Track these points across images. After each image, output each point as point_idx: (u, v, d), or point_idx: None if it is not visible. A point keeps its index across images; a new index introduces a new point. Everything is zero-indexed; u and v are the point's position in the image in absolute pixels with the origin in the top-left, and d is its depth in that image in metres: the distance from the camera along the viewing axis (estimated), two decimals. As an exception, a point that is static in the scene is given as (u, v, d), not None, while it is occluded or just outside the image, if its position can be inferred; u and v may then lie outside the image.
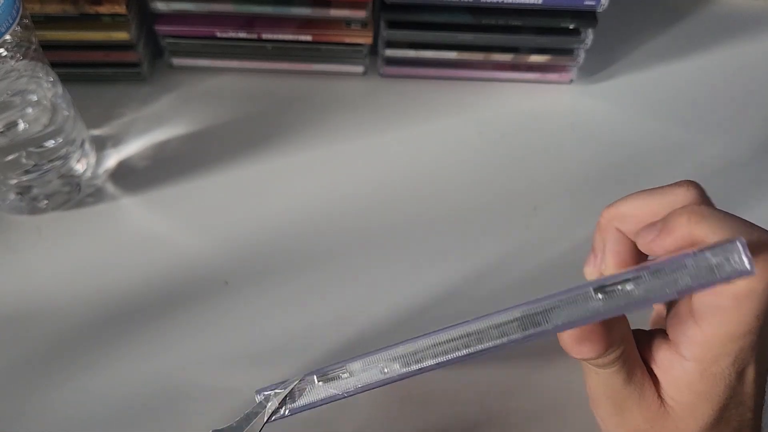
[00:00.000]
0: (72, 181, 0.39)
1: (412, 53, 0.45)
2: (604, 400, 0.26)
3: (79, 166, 0.39)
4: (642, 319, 0.29)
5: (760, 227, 0.23)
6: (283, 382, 0.25)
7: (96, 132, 0.42)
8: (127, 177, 0.41)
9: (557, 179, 0.42)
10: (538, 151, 0.43)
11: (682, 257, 0.22)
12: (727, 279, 0.21)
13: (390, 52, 0.45)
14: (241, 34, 0.44)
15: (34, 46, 0.34)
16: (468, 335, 0.23)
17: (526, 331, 0.22)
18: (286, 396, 0.24)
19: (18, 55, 0.32)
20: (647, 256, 0.27)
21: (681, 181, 0.26)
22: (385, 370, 0.23)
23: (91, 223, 0.38)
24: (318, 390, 0.24)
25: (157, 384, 0.33)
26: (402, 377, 0.23)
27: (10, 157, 0.35)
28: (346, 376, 0.24)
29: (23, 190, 0.37)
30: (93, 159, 0.40)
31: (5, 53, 0.32)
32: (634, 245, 0.27)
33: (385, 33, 0.43)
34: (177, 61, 0.46)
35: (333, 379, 0.24)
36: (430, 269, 0.37)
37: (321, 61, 0.46)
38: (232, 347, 0.34)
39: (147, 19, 0.44)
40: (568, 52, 0.45)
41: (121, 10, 0.41)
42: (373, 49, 0.46)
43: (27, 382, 0.33)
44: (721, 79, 0.48)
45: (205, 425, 0.32)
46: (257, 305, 0.36)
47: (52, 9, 0.40)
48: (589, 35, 0.44)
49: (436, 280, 0.37)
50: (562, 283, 0.37)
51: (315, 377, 0.24)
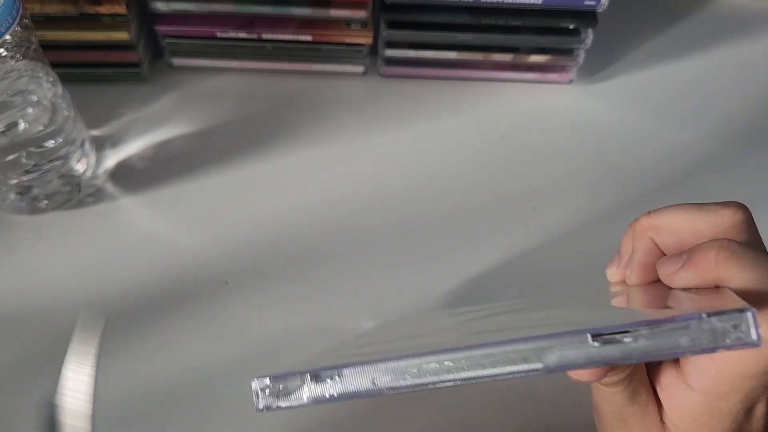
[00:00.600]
0: (72, 181, 0.39)
1: (412, 53, 0.45)
2: (607, 414, 0.26)
3: (79, 166, 0.39)
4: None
5: None
6: (281, 374, 0.25)
7: (96, 132, 0.42)
8: (127, 177, 0.41)
9: (557, 179, 0.42)
10: (538, 151, 0.43)
11: (687, 317, 0.21)
12: (730, 348, 0.20)
13: (390, 52, 0.45)
14: (241, 34, 0.44)
15: (34, 46, 0.34)
16: (459, 360, 0.22)
17: (517, 365, 0.22)
18: (275, 390, 0.24)
19: (18, 55, 0.32)
20: None
21: (730, 202, 0.24)
22: (375, 382, 0.23)
23: (91, 223, 0.38)
24: (307, 391, 0.24)
25: (156, 384, 0.33)
26: (390, 392, 0.23)
27: (11, 157, 0.35)
28: (335, 380, 0.24)
29: (23, 190, 0.37)
30: (93, 159, 0.40)
31: (5, 53, 0.32)
32: None
33: (385, 33, 0.43)
34: (177, 61, 0.46)
35: (323, 380, 0.24)
36: (430, 269, 0.37)
37: (321, 61, 0.46)
38: (232, 347, 0.34)
39: (147, 19, 0.44)
40: (568, 52, 0.45)
41: (121, 10, 0.41)
42: (373, 49, 0.46)
43: (27, 382, 0.33)
44: (721, 79, 0.48)
45: (205, 425, 0.32)
46: (257, 305, 0.36)
47: (52, 9, 0.40)
48: (589, 35, 0.43)
49: (435, 280, 0.37)
50: (562, 283, 0.37)
51: (308, 375, 0.24)
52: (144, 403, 0.32)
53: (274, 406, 0.24)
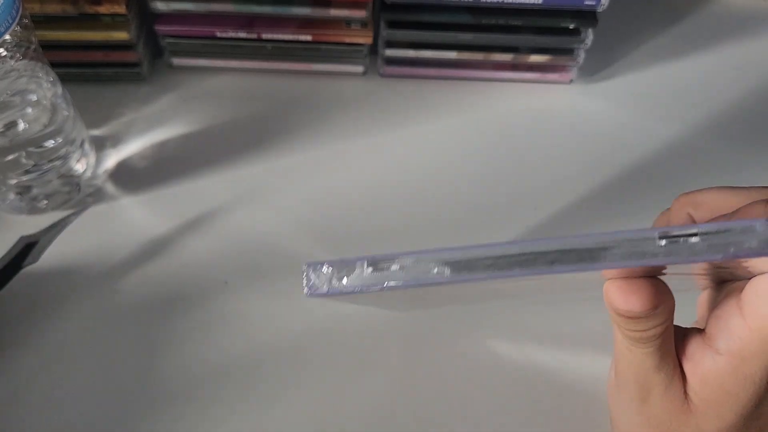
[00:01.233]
0: (72, 181, 0.39)
1: (412, 53, 0.45)
2: (631, 384, 0.26)
3: (79, 166, 0.39)
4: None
5: None
6: (333, 261, 0.25)
7: (96, 132, 0.42)
8: (127, 177, 0.41)
9: (557, 179, 0.42)
10: (538, 151, 0.43)
11: (752, 221, 0.21)
12: None
13: (390, 52, 0.45)
14: (241, 34, 0.44)
15: (33, 46, 0.34)
16: (524, 254, 0.22)
17: (583, 263, 0.22)
18: (332, 273, 0.24)
19: (18, 54, 0.32)
20: None
21: (763, 186, 0.26)
22: (435, 271, 0.23)
23: (90, 223, 0.38)
24: (365, 277, 0.24)
25: (156, 384, 0.33)
26: (450, 282, 0.23)
27: (10, 157, 0.35)
28: (395, 267, 0.24)
29: (23, 190, 0.37)
30: (93, 159, 0.40)
31: (5, 53, 0.32)
32: None
33: (385, 33, 0.43)
34: (177, 61, 0.46)
35: (382, 268, 0.24)
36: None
37: (321, 61, 0.46)
38: (232, 347, 0.34)
39: (147, 19, 0.44)
40: (568, 52, 0.45)
41: (120, 10, 0.41)
42: (373, 49, 0.46)
43: (26, 381, 0.33)
44: (720, 79, 0.48)
45: (205, 425, 0.32)
46: (257, 305, 0.36)
47: (52, 9, 0.40)
48: (589, 35, 0.43)
49: (436, 280, 0.37)
50: (563, 283, 0.36)
51: (366, 262, 0.24)
52: (142, 403, 0.32)
53: (325, 290, 0.24)
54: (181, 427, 0.32)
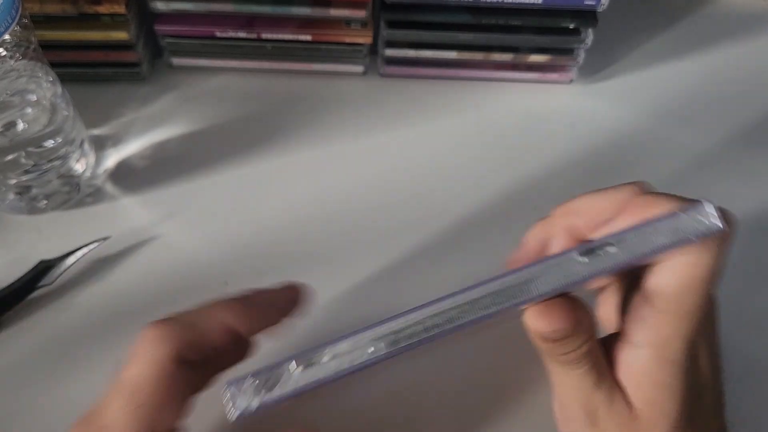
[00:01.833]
0: (71, 181, 0.39)
1: (412, 53, 0.45)
2: (577, 410, 0.26)
3: (79, 166, 0.39)
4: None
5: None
6: (256, 372, 0.22)
7: (95, 132, 0.42)
8: (127, 177, 0.41)
9: (557, 179, 0.42)
10: (538, 151, 0.43)
11: (655, 221, 0.23)
12: (702, 236, 0.22)
13: (390, 52, 0.45)
14: (241, 34, 0.44)
15: (33, 46, 0.34)
16: (454, 308, 0.23)
17: (516, 299, 0.23)
18: (259, 385, 0.22)
19: (17, 54, 0.32)
20: None
21: (629, 182, 0.27)
22: (370, 350, 0.22)
23: (90, 223, 0.38)
24: (297, 379, 0.22)
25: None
26: (387, 356, 0.22)
27: (10, 157, 0.35)
28: (326, 359, 0.22)
29: (23, 190, 0.37)
30: (92, 159, 0.40)
31: (4, 53, 0.32)
32: None
33: (385, 33, 0.43)
34: (177, 60, 0.46)
35: (313, 364, 0.22)
36: (430, 269, 0.37)
37: (321, 60, 0.46)
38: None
39: (147, 18, 0.44)
40: (568, 52, 0.45)
41: (120, 9, 0.41)
42: (373, 49, 0.46)
43: (26, 381, 0.33)
44: (720, 79, 0.48)
45: (204, 426, 0.32)
46: (257, 305, 0.36)
47: (52, 9, 0.40)
48: (589, 35, 0.43)
49: (435, 280, 0.37)
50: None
51: (293, 362, 0.22)
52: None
53: (254, 406, 0.22)
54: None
